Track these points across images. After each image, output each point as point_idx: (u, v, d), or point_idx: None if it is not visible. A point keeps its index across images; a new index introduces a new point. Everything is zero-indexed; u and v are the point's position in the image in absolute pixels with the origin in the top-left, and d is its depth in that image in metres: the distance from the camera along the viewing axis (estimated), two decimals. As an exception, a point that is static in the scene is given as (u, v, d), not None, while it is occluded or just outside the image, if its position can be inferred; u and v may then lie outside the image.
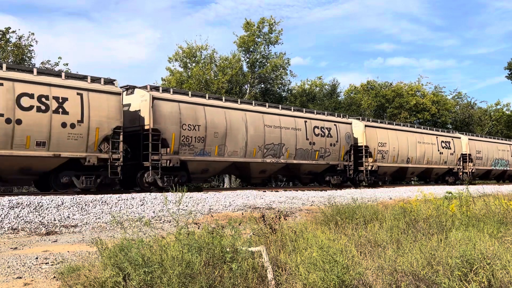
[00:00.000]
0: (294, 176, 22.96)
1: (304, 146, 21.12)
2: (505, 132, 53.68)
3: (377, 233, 5.56)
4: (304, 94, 45.24)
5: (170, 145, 16.17)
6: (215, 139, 17.54)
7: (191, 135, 16.82)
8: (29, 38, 27.48)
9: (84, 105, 14.06)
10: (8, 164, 12.98)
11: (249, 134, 18.73)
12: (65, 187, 14.13)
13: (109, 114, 14.57)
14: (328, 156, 22.36)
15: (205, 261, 4.10)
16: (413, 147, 27.67)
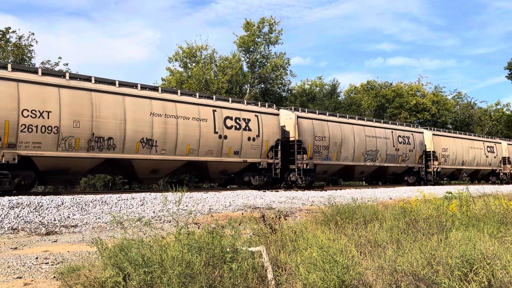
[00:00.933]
0: (381, 176, 27.99)
1: (392, 152, 26.48)
2: (505, 132, 53.68)
3: (377, 233, 5.56)
4: (304, 94, 45.26)
5: (308, 152, 21.75)
6: (335, 147, 23.19)
7: (320, 144, 22.48)
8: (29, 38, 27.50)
9: (259, 124, 19.86)
10: (216, 167, 18.54)
11: (356, 143, 24.24)
12: (246, 184, 19.88)
13: (274, 130, 20.43)
14: (407, 160, 27.66)
15: (205, 261, 4.10)
16: (466, 152, 32.60)
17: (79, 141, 14.23)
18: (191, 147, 17.27)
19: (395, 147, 26.40)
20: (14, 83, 13.19)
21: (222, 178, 19.74)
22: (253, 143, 19.43)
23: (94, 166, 15.20)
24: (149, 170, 16.50)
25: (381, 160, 25.47)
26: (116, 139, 15.12)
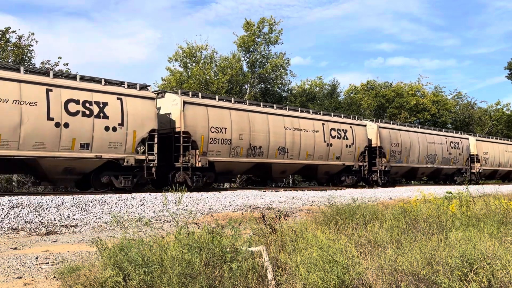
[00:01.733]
0: (436, 176, 31.69)
1: (446, 155, 30.53)
2: (505, 132, 53.69)
3: (377, 233, 5.56)
4: (304, 94, 45.27)
5: (386, 156, 25.52)
6: (405, 152, 26.86)
7: (395, 150, 26.12)
8: (29, 38, 27.50)
9: (353, 133, 23.83)
10: (323, 169, 21.94)
11: (420, 148, 28.25)
12: (341, 183, 23.19)
13: (363, 138, 24.56)
14: (457, 162, 31.79)
15: (205, 261, 4.10)
16: (502, 155, 36.52)
17: (242, 149, 18.88)
18: (309, 153, 21.74)
19: (448, 152, 31.05)
20: (205, 108, 17.72)
21: (325, 178, 23.82)
22: (349, 149, 23.60)
23: (248, 168, 19.86)
24: (280, 170, 21.10)
25: (438, 162, 30.03)
26: (263, 147, 19.73)
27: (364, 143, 24.51)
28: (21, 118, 12.99)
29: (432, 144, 29.53)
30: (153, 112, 15.89)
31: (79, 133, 14.05)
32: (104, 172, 15.04)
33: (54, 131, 13.55)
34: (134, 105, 15.40)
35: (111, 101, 14.88)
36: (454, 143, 31.68)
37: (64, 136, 13.75)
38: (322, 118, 22.79)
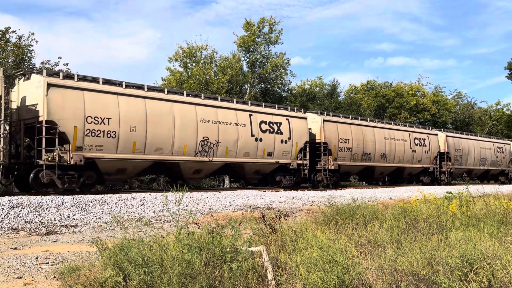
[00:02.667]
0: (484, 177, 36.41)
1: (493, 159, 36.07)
2: (505, 132, 53.69)
3: (377, 233, 5.56)
4: (304, 94, 45.26)
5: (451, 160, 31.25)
6: (464, 156, 32.96)
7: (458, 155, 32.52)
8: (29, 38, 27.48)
9: (430, 142, 30.20)
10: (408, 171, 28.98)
11: (475, 153, 33.81)
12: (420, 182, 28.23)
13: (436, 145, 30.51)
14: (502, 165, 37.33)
15: (205, 261, 4.10)
16: None
17: (359, 156, 24.34)
18: (400, 158, 27.44)
19: (495, 155, 36.49)
20: (335, 124, 23.45)
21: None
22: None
23: (360, 170, 25.53)
24: (380, 171, 26.99)
25: (488, 164, 35.37)
26: (372, 154, 25.13)
27: (437, 149, 30.29)
28: (238, 135, 18.60)
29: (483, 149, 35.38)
30: (306, 128, 21.73)
31: (267, 145, 19.83)
32: (277, 173, 20.79)
33: (254, 144, 19.26)
34: (295, 124, 21.15)
35: (283, 121, 20.74)
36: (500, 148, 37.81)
37: (259, 147, 19.51)
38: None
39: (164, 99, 16.51)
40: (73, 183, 14.15)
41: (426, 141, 29.41)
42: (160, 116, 16.07)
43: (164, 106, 16.36)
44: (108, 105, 14.81)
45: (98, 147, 14.52)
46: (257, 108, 19.84)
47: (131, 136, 15.24)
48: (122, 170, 15.62)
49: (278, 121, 20.31)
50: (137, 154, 15.52)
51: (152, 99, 16.06)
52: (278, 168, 20.47)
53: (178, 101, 16.90)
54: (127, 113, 15.21)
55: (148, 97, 15.99)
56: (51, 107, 13.62)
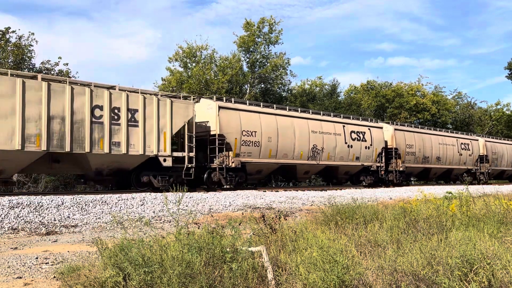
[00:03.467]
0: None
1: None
2: (505, 132, 53.70)
3: (377, 233, 5.56)
4: (304, 94, 45.25)
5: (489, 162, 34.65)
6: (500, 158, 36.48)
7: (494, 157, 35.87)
8: (29, 38, 27.49)
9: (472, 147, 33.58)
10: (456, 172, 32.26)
11: (508, 155, 37.44)
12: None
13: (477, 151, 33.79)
14: None
15: (205, 261, 4.10)
16: None
17: (420, 159, 28.53)
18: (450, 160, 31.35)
19: None
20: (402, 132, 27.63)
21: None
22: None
23: (419, 171, 29.61)
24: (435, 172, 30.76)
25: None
26: (429, 157, 29.30)
27: (478, 153, 33.49)
28: (336, 143, 22.94)
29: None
30: (382, 136, 25.94)
31: (356, 151, 24.08)
32: (361, 173, 24.93)
33: (347, 150, 23.57)
34: (375, 133, 25.39)
35: (366, 130, 25.00)
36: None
37: (350, 152, 23.76)
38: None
39: (287, 115, 21.21)
40: (232, 181, 18.41)
41: (470, 146, 33.43)
42: (285, 129, 20.66)
43: (287, 121, 20.96)
44: (254, 121, 19.44)
45: (248, 154, 19.00)
46: (347, 120, 24.66)
47: (268, 145, 19.88)
48: (260, 171, 20.39)
49: (362, 130, 24.94)
50: (271, 159, 20.11)
51: (280, 116, 20.69)
52: (362, 169, 25.02)
53: (296, 116, 21.55)
54: (266, 127, 19.77)
55: (277, 114, 20.66)
56: (221, 124, 17.98)
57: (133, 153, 14.84)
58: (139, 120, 15.13)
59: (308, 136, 21.53)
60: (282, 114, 20.77)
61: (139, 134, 15.08)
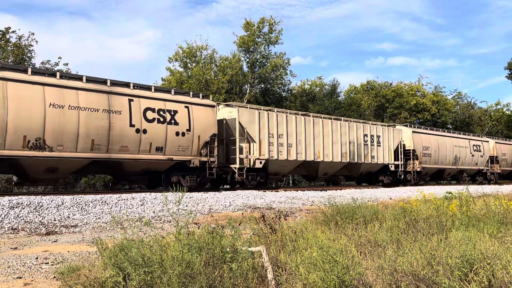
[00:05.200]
0: None
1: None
2: (505, 132, 53.68)
3: (377, 233, 5.56)
4: (304, 94, 45.25)
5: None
6: None
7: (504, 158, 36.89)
8: (29, 38, 27.49)
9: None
10: None
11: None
12: None
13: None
14: None
15: (205, 261, 4.10)
16: None
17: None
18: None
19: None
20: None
21: None
22: None
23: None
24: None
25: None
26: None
27: (488, 154, 34.05)
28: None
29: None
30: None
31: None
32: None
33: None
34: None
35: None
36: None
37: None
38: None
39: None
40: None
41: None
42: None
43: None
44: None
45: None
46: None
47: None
48: None
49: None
50: None
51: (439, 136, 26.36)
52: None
53: None
54: None
55: None
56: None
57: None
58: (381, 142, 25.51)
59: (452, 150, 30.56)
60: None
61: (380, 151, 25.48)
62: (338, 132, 22.66)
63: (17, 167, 13.50)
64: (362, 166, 24.43)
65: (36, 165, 13.32)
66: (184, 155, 16.20)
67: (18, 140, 12.61)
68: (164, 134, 15.62)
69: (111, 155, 14.49)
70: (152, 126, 15.30)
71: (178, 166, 16.40)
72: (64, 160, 13.62)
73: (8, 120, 12.46)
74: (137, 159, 15.08)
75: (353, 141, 23.59)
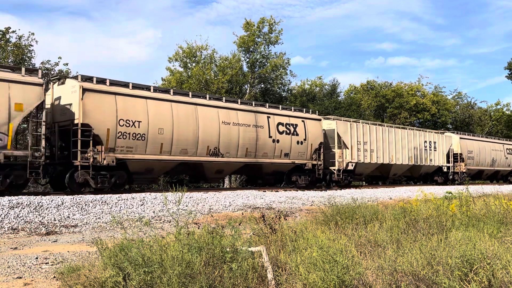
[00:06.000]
0: None
1: None
2: (505, 132, 53.68)
3: (377, 233, 5.56)
4: (304, 94, 45.23)
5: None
6: None
7: None
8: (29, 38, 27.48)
9: None
10: None
11: None
12: None
13: None
14: None
15: (205, 261, 4.10)
16: None
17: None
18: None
19: None
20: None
21: None
22: None
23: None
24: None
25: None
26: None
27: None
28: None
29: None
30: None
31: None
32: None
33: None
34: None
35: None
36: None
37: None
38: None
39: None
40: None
41: None
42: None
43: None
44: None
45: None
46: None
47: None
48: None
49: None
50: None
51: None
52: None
53: None
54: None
55: None
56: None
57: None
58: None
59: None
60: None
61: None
62: (406, 139, 27.36)
63: (199, 169, 17.75)
64: (422, 168, 29.27)
65: (212, 167, 17.89)
66: (302, 160, 20.97)
67: (204, 149, 17.19)
68: (289, 143, 20.38)
69: (257, 160, 19.16)
70: (282, 137, 20.06)
71: (296, 168, 20.99)
72: (229, 164, 18.32)
73: (199, 134, 16.97)
74: (272, 162, 19.81)
75: (416, 146, 28.23)
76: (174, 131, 16.17)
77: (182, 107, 16.65)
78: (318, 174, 21.49)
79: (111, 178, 14.68)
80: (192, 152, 16.80)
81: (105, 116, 14.41)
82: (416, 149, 28.11)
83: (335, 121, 23.19)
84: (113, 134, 14.55)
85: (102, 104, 14.46)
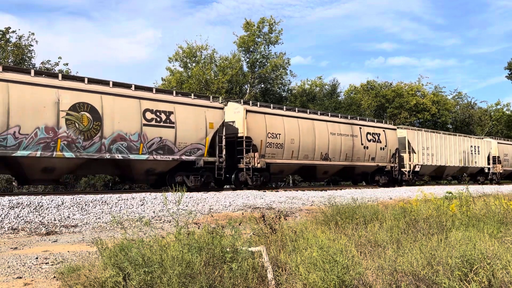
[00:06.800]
0: None
1: None
2: (505, 132, 53.68)
3: (377, 233, 5.56)
4: (304, 94, 45.26)
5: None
6: None
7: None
8: (29, 38, 27.49)
9: None
10: None
11: None
12: None
13: None
14: None
15: (205, 261, 4.10)
16: None
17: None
18: None
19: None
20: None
21: None
22: None
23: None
24: None
25: None
26: None
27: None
28: None
29: None
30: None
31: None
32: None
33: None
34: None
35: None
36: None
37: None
38: None
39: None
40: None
41: None
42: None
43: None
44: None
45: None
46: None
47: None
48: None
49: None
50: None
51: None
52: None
53: None
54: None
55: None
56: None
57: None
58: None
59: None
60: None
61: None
62: (456, 144, 31.41)
63: (312, 170, 22.14)
64: (469, 169, 33.16)
65: (322, 169, 22.31)
66: (383, 162, 25.29)
67: (318, 155, 21.58)
68: (375, 149, 24.54)
69: (352, 163, 23.37)
70: (370, 144, 24.26)
71: (378, 169, 25.21)
72: (333, 166, 22.60)
73: (316, 143, 21.32)
74: (363, 165, 24.02)
75: (465, 150, 32.31)
76: (300, 141, 20.72)
77: (304, 122, 21.24)
78: (394, 175, 25.92)
79: (260, 177, 19.06)
80: (311, 157, 21.39)
81: (260, 131, 19.06)
82: (465, 153, 32.34)
83: (405, 130, 28.06)
84: (264, 144, 19.22)
85: (257, 121, 19.05)
